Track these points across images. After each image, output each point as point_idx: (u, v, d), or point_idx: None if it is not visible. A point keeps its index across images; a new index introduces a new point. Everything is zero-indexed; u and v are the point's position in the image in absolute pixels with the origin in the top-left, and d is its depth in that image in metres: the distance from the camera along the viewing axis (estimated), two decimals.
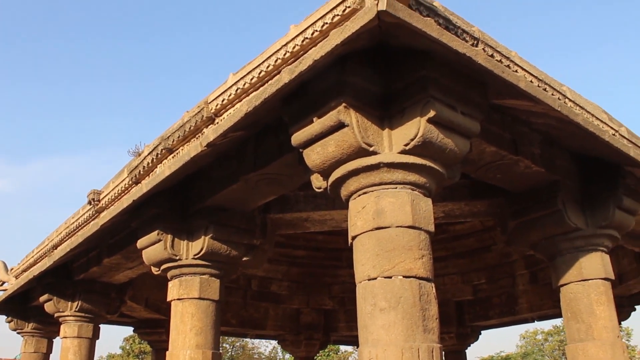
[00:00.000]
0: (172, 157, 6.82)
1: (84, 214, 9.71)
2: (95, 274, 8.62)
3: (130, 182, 8.04)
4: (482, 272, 10.57)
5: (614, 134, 6.16)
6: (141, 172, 7.54)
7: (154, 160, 7.19)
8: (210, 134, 5.07)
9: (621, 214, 6.02)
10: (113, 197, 8.64)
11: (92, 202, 9.21)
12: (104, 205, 9.00)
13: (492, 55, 5.12)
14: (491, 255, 10.33)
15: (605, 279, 5.92)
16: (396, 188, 4.22)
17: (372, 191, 4.25)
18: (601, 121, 6.39)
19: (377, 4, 3.61)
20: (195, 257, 6.23)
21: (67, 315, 9.10)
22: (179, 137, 6.58)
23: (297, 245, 10.87)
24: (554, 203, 5.83)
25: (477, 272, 10.60)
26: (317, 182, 4.74)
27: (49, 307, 9.26)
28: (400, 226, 4.14)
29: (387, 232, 4.14)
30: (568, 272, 6.01)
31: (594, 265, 5.94)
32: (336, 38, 3.82)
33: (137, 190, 6.21)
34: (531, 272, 10.11)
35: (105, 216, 6.77)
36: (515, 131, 5.42)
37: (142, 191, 6.06)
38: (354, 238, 4.34)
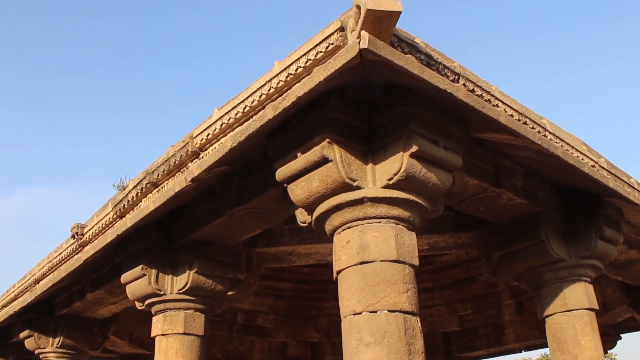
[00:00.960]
0: (157, 192, 6.82)
1: (67, 247, 9.62)
2: (78, 309, 8.51)
3: (114, 216, 8.00)
4: (468, 302, 10.56)
5: (593, 166, 6.25)
6: (126, 206, 7.51)
7: (139, 194, 7.18)
8: (195, 169, 5.09)
9: (603, 244, 6.08)
10: (97, 231, 8.58)
11: (76, 236, 9.13)
12: (87, 239, 8.93)
13: (472, 90, 5.21)
14: (477, 286, 10.33)
15: (589, 309, 5.96)
16: (380, 222, 4.25)
17: (357, 225, 4.28)
18: (581, 153, 6.50)
19: (359, 42, 3.67)
20: (180, 291, 6.18)
21: (49, 352, 8.93)
22: (163, 171, 6.59)
23: (283, 277, 10.82)
24: (537, 234, 5.89)
25: (464, 302, 10.58)
26: (302, 217, 4.76)
27: (29, 344, 9.08)
28: (385, 260, 4.16)
29: (372, 266, 4.15)
30: (553, 303, 6.04)
31: (578, 296, 5.98)
32: (319, 75, 3.88)
33: (121, 225, 6.19)
34: (517, 302, 10.12)
35: (89, 250, 6.72)
36: (497, 164, 5.49)
37: (126, 225, 6.03)
38: (338, 272, 4.35)
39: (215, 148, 5.63)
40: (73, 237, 9.19)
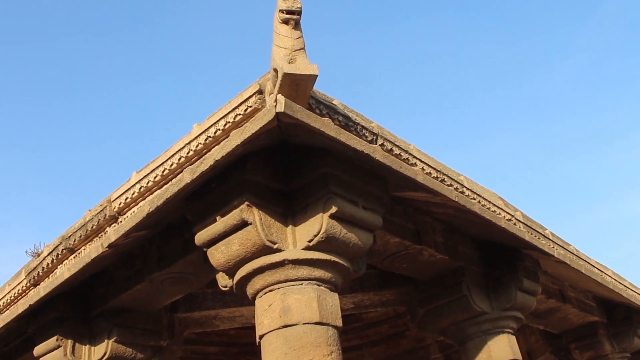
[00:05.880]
0: (74, 258, 6.54)
1: None
2: None
3: (28, 285, 7.59)
4: (397, 358, 10.48)
5: (509, 220, 6.47)
6: (40, 274, 7.16)
7: (54, 260, 6.86)
8: (112, 234, 4.92)
9: (523, 296, 6.24)
10: (9, 300, 8.10)
11: None
12: None
13: (390, 150, 5.33)
14: (406, 341, 10.31)
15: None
16: (302, 284, 4.21)
17: (278, 288, 4.22)
18: (498, 207, 6.72)
19: (276, 106, 3.71)
20: None
21: None
22: (80, 236, 6.34)
23: (209, 341, 10.47)
24: (459, 289, 5.99)
25: (393, 358, 10.51)
26: (223, 281, 4.66)
27: None
28: (308, 323, 4.10)
29: (295, 329, 4.08)
30: (478, 356, 6.10)
31: (502, 347, 6.07)
32: (237, 138, 3.87)
33: (34, 294, 5.87)
34: (445, 355, 10.15)
35: None
36: (418, 221, 5.59)
37: (39, 295, 5.73)
38: (261, 337, 4.25)
39: (133, 212, 5.48)
40: None
